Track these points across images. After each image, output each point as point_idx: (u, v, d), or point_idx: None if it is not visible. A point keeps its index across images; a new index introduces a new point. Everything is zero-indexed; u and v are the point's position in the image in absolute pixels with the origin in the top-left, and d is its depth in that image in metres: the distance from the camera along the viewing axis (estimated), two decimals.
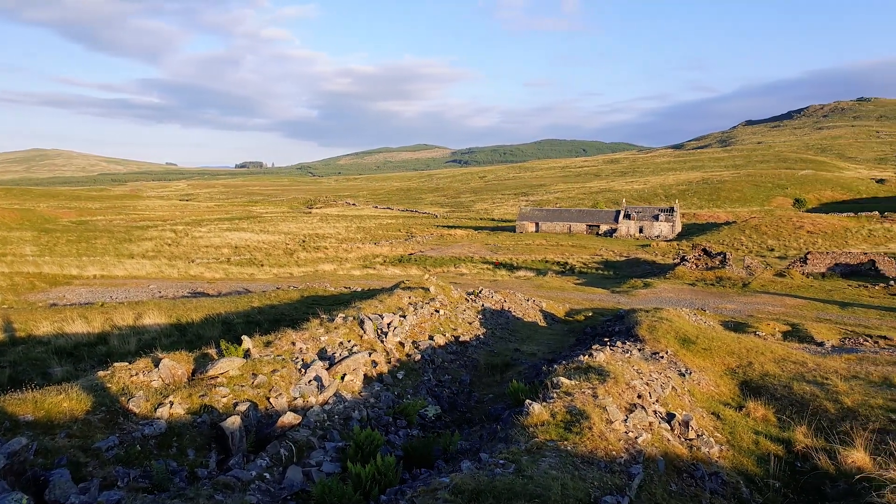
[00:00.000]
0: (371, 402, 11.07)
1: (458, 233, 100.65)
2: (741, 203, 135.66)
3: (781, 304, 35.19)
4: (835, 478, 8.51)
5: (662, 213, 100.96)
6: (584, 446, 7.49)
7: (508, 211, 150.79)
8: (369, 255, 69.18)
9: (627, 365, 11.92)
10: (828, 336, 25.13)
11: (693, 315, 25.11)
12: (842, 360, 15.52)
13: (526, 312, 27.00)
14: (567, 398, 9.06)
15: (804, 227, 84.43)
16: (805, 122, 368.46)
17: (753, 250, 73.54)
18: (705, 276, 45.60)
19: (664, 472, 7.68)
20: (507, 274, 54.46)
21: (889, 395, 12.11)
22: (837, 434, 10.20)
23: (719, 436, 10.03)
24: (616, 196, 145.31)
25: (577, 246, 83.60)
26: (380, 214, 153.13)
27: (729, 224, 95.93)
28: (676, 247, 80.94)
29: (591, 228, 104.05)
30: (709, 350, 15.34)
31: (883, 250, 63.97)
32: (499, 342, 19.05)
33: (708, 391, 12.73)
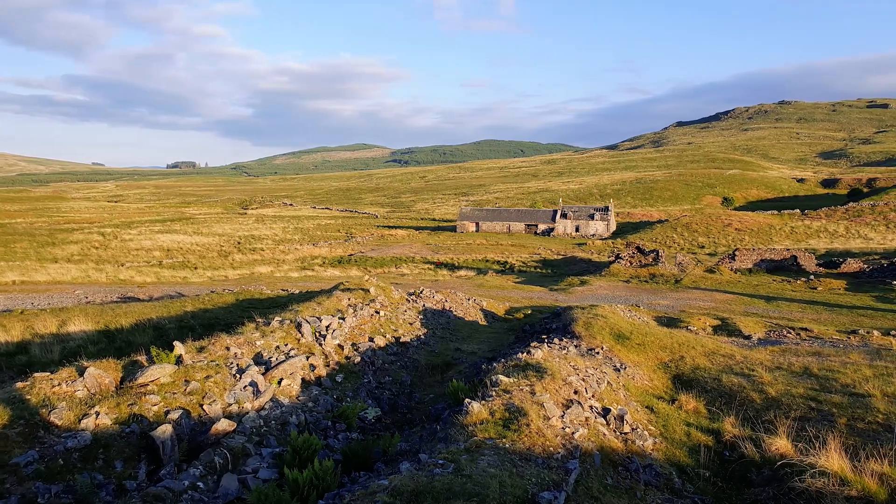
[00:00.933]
0: (309, 407, 10.89)
1: (399, 233, 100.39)
2: (673, 202, 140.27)
3: (711, 299, 36.55)
4: (760, 465, 8.87)
5: (598, 213, 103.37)
6: (523, 443, 7.57)
7: (449, 211, 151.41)
8: (307, 257, 68.14)
9: (564, 361, 12.13)
10: (754, 329, 26.25)
11: (627, 311, 25.80)
12: (767, 353, 16.23)
13: (467, 312, 27.14)
14: (506, 396, 9.14)
15: (732, 225, 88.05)
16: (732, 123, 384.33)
17: (685, 247, 76.18)
18: (639, 273, 46.92)
19: (600, 466, 7.84)
20: (449, 274, 54.65)
21: (809, 384, 12.74)
22: (762, 423, 10.64)
23: (653, 429, 10.32)
24: (553, 196, 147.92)
25: (516, 245, 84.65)
26: (318, 215, 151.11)
27: (661, 222, 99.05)
28: (611, 245, 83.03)
29: (529, 228, 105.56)
30: (643, 345, 15.78)
31: (804, 246, 67.41)
32: (440, 342, 19.07)
33: (642, 385, 13.08)
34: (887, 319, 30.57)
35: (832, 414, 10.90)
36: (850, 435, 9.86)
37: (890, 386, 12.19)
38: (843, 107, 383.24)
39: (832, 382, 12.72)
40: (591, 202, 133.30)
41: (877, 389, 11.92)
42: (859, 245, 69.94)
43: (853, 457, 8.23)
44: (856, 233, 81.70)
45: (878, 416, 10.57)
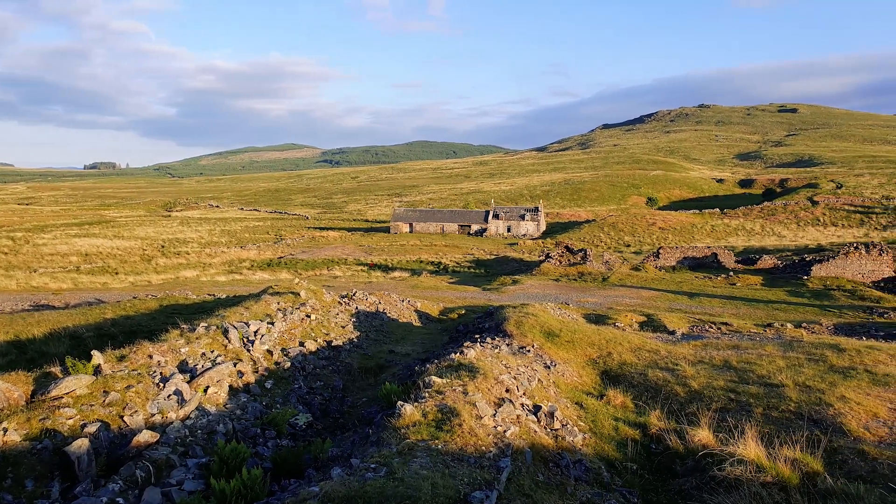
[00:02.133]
0: (237, 414, 10.57)
1: (331, 234, 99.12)
2: (600, 202, 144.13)
3: (637, 296, 37.75)
4: (684, 456, 9.20)
5: (528, 213, 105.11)
6: (455, 444, 7.57)
7: (382, 212, 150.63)
8: (235, 260, 66.32)
9: (497, 360, 12.24)
10: (678, 325, 27.27)
11: (557, 309, 26.31)
12: (690, 347, 16.87)
13: (401, 313, 27.04)
14: (438, 397, 9.13)
15: (656, 224, 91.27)
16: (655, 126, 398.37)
17: (612, 246, 78.43)
18: (568, 272, 47.97)
19: (532, 463, 7.93)
20: (382, 275, 54.35)
21: (729, 376, 13.31)
22: (686, 415, 11.03)
23: (583, 424, 10.54)
24: (485, 197, 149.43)
25: (450, 246, 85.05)
26: (246, 216, 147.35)
27: (589, 222, 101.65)
28: (542, 245, 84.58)
29: (462, 228, 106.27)
30: (572, 342, 16.11)
31: (723, 244, 70.58)
32: (373, 345, 18.91)
33: (572, 382, 13.35)
34: (799, 312, 32.37)
35: (750, 404, 11.42)
36: (766, 423, 10.36)
37: (801, 376, 12.88)
38: (757, 111, 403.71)
39: (749, 374, 13.32)
40: (522, 203, 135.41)
41: (789, 379, 12.57)
42: (773, 242, 73.86)
43: (769, 444, 8.64)
44: (770, 231, 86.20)
45: (791, 405, 11.14)
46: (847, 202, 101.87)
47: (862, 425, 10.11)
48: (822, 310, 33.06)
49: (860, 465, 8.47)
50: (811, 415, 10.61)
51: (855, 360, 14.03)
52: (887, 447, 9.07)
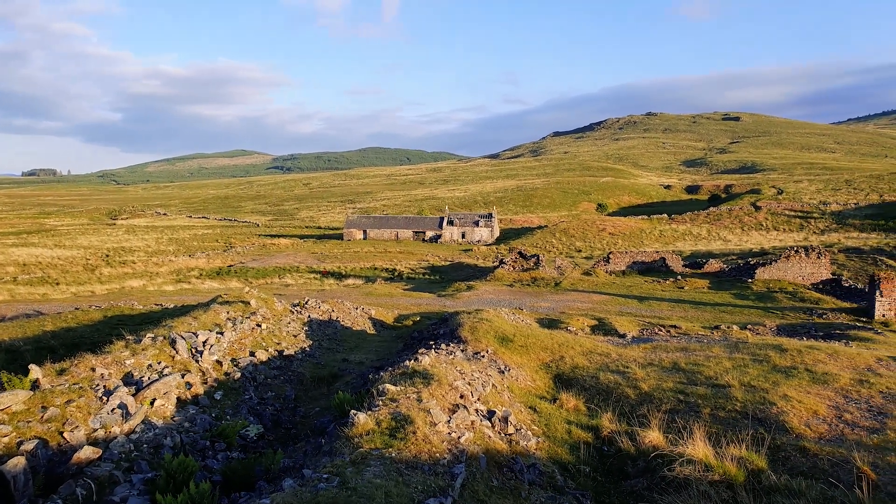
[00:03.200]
0: (186, 427, 10.27)
1: (283, 242, 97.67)
2: (552, 208, 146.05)
3: (589, 300, 38.33)
4: (635, 457, 9.34)
5: (482, 219, 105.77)
6: (409, 451, 7.51)
7: (335, 218, 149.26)
8: (184, 269, 64.70)
9: (451, 366, 12.22)
10: (629, 328, 27.79)
11: (511, 314, 26.51)
12: (640, 350, 17.19)
13: (355, 321, 26.81)
14: (392, 405, 9.06)
15: (606, 230, 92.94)
16: (604, 133, 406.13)
17: (563, 252, 79.50)
18: (522, 277, 48.41)
19: (486, 469, 7.93)
20: (336, 283, 53.81)
21: (678, 378, 13.61)
22: (637, 417, 11.22)
23: (536, 428, 10.60)
24: (440, 203, 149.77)
25: (404, 252, 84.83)
26: (195, 224, 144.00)
27: (542, 228, 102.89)
28: (496, 250, 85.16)
29: (417, 235, 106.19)
30: (525, 347, 16.22)
31: (671, 249, 72.31)
32: (326, 353, 18.68)
33: (525, 386, 13.43)
34: (744, 315, 33.39)
35: (698, 405, 11.69)
36: (714, 423, 10.62)
37: (746, 376, 13.26)
38: (702, 119, 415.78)
39: (697, 375, 13.65)
40: (476, 209, 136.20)
41: (735, 380, 12.92)
42: (719, 246, 76.05)
43: (716, 444, 8.85)
44: (716, 235, 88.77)
45: (737, 405, 11.45)
46: (788, 207, 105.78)
47: (803, 423, 10.46)
48: (765, 311, 34.18)
49: (802, 461, 8.76)
50: (756, 414, 10.93)
51: (796, 360, 14.53)
52: (827, 443, 9.40)
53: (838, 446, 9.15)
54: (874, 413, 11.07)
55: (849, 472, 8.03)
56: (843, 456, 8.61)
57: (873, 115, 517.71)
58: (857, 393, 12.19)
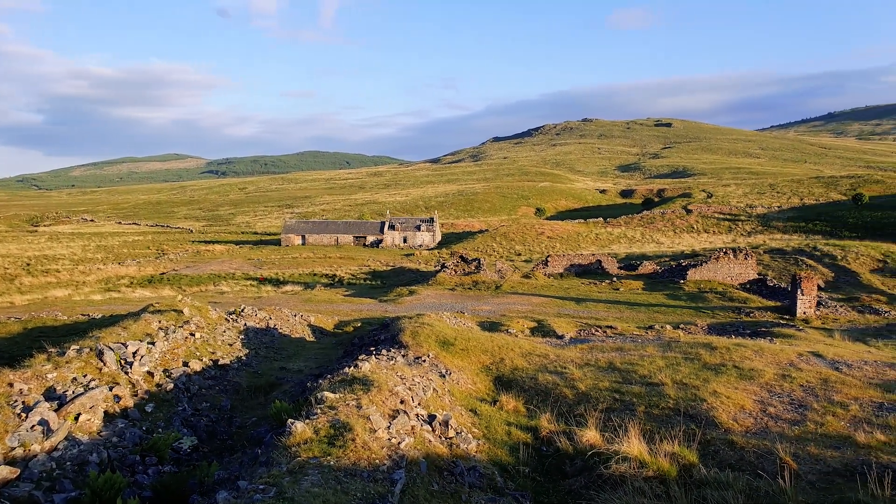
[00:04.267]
0: (114, 442, 9.86)
1: (218, 248, 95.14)
2: (492, 213, 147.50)
3: (529, 302, 38.84)
4: (573, 456, 9.50)
5: (424, 224, 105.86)
6: (348, 459, 7.42)
7: (273, 224, 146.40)
8: (113, 277, 62.14)
9: (392, 372, 12.15)
10: (567, 329, 28.30)
11: (453, 318, 26.59)
12: (577, 350, 17.52)
13: (293, 328, 26.34)
14: (331, 412, 8.93)
15: (545, 233, 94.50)
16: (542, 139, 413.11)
17: (504, 255, 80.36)
18: (463, 281, 48.66)
19: (426, 473, 7.91)
20: (274, 289, 52.76)
21: (614, 377, 13.93)
22: (575, 417, 11.43)
23: (477, 431, 10.65)
24: (381, 208, 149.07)
25: (345, 258, 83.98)
26: (125, 231, 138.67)
27: (482, 232, 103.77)
28: (437, 255, 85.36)
29: (358, 240, 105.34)
30: (466, 350, 16.29)
31: (607, 251, 74.05)
32: (263, 362, 18.27)
33: (466, 389, 13.48)
34: (676, 315, 34.51)
35: (633, 403, 12.00)
36: (648, 421, 10.92)
37: (678, 374, 13.70)
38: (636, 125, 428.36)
39: (632, 374, 14.01)
40: (418, 214, 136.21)
41: (668, 378, 13.33)
42: (653, 249, 78.41)
43: (650, 440, 9.10)
44: (650, 238, 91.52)
45: (670, 402, 11.81)
46: (717, 210, 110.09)
47: (731, 417, 10.87)
48: (697, 311, 35.42)
49: (730, 454, 9.10)
50: (687, 410, 11.30)
51: (725, 358, 15.11)
52: (753, 436, 9.80)
53: (763, 439, 9.56)
54: (795, 406, 11.62)
55: (772, 463, 8.39)
56: (768, 448, 9.00)
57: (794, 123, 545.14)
58: (780, 387, 12.76)
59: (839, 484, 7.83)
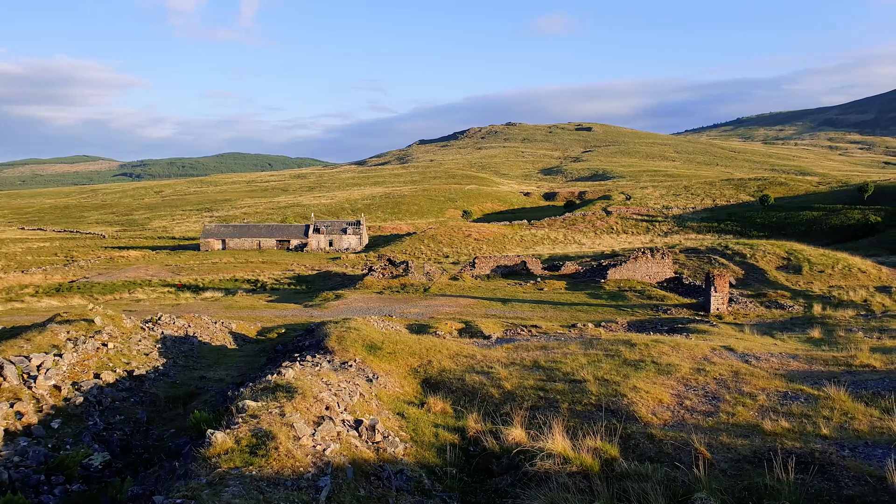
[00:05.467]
0: (15, 461, 9.23)
1: (133, 254, 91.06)
2: (420, 215, 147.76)
3: (456, 304, 39.08)
4: (500, 455, 9.59)
5: (350, 227, 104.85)
6: (271, 468, 7.22)
7: (191, 228, 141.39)
8: (15, 286, 58.38)
9: (317, 378, 11.94)
10: (494, 330, 28.63)
11: (381, 322, 26.43)
12: (503, 350, 17.73)
13: (214, 336, 25.49)
14: (253, 421, 8.68)
15: (472, 236, 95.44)
16: (468, 142, 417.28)
17: (432, 258, 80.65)
18: (391, 284, 48.47)
19: (353, 479, 7.80)
20: (193, 296, 50.94)
21: (538, 375, 14.17)
22: (501, 416, 11.54)
23: (404, 434, 10.59)
24: (305, 211, 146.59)
25: (268, 262, 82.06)
26: (29, 237, 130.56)
27: (410, 235, 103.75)
28: (365, 258, 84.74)
29: (281, 244, 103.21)
30: (394, 353, 16.20)
31: (531, 252, 75.49)
32: (182, 371, 17.58)
33: (394, 393, 13.40)
34: (598, 313, 35.52)
35: (557, 400, 12.24)
36: (572, 417, 11.16)
37: (600, 370, 14.08)
38: (557, 129, 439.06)
39: (556, 372, 14.30)
40: (344, 216, 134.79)
41: (590, 375, 13.68)
42: (575, 250, 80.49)
43: (574, 436, 9.29)
44: (572, 239, 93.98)
45: (592, 398, 12.12)
46: (635, 212, 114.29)
47: (650, 411, 11.26)
48: (617, 309, 36.58)
49: (649, 447, 9.41)
50: (609, 406, 11.62)
51: (644, 354, 15.65)
52: (670, 429, 10.19)
53: (680, 431, 9.94)
54: (709, 398, 12.17)
55: (688, 454, 8.74)
56: (684, 439, 9.37)
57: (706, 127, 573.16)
58: (695, 381, 13.33)
59: (748, 470, 8.24)
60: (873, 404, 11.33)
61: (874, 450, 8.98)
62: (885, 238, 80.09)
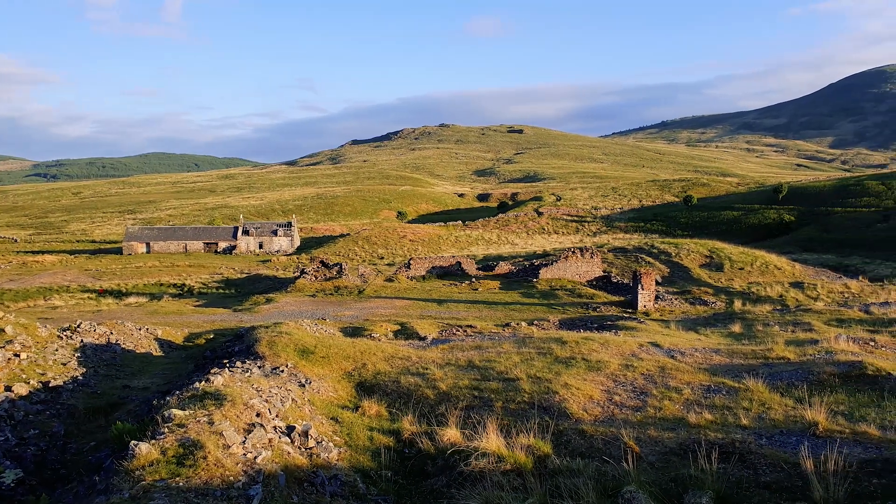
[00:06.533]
0: None
1: (49, 259, 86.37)
2: (353, 216, 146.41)
3: (392, 306, 38.93)
4: (435, 456, 9.60)
5: (281, 228, 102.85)
6: (199, 478, 6.99)
7: (113, 231, 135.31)
8: None
9: (247, 384, 11.64)
10: (429, 330, 28.67)
11: (314, 325, 26.02)
12: (438, 351, 17.76)
13: (139, 343, 24.50)
14: (180, 430, 8.37)
15: (407, 237, 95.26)
16: (402, 143, 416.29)
17: (366, 259, 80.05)
18: (325, 287, 47.83)
19: (285, 486, 7.64)
20: (115, 302, 48.81)
21: (473, 375, 14.27)
22: (436, 417, 11.56)
23: (338, 439, 10.46)
24: (234, 212, 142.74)
25: (195, 266, 79.48)
26: None
27: (344, 236, 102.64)
28: (297, 260, 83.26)
29: (209, 246, 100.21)
30: (327, 357, 15.97)
31: (466, 253, 76.03)
32: (104, 381, 16.81)
33: (327, 397, 13.21)
34: (531, 312, 36.12)
35: (491, 399, 12.36)
36: (506, 416, 11.29)
37: (532, 368, 14.31)
38: (490, 131, 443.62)
39: (490, 371, 14.44)
40: (274, 218, 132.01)
41: (523, 373, 13.88)
42: (508, 250, 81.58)
43: (508, 435, 9.40)
44: (505, 239, 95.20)
45: (525, 396, 12.30)
46: (566, 213, 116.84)
47: (581, 407, 11.53)
48: (549, 308, 37.30)
49: (581, 442, 9.63)
50: (541, 403, 11.82)
51: (575, 351, 16.00)
52: (601, 424, 10.45)
53: (610, 426, 10.22)
54: (637, 393, 12.55)
55: (618, 448, 8.99)
56: (614, 434, 9.63)
57: (632, 130, 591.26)
58: (624, 377, 13.73)
59: (675, 462, 8.54)
60: (788, 394, 11.97)
61: (789, 437, 9.49)
62: (798, 236, 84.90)
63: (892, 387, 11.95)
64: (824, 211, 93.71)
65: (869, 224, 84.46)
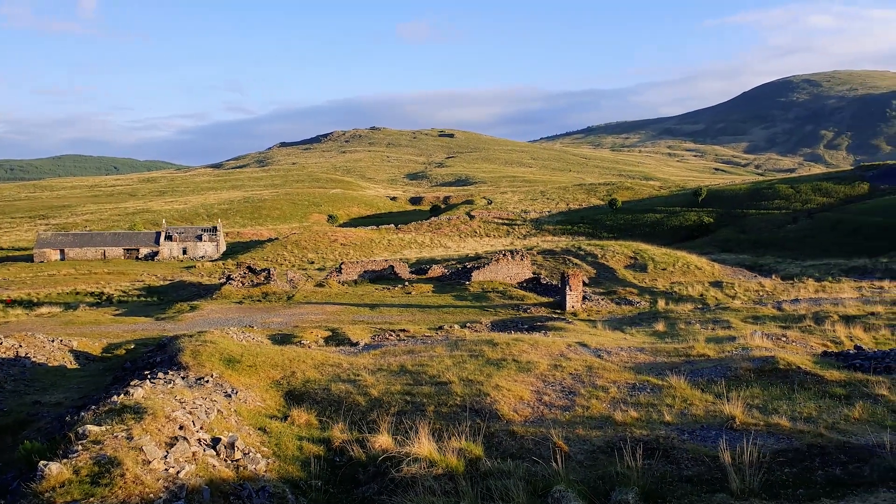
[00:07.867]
0: None
1: None
2: (282, 220, 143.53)
3: (323, 311, 38.33)
4: (366, 464, 9.49)
5: (206, 233, 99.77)
6: (116, 497, 6.66)
7: (22, 237, 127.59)
8: None
9: (170, 396, 11.20)
10: (361, 336, 28.36)
11: (241, 333, 25.31)
12: (370, 357, 17.59)
13: (51, 356, 23.19)
14: (96, 447, 7.96)
15: (338, 241, 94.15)
16: (331, 146, 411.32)
17: (296, 264, 78.59)
18: (252, 293, 46.63)
19: (210, 501, 7.39)
20: (25, 313, 46.03)
21: (405, 380, 14.20)
22: (368, 423, 11.43)
23: (266, 450, 10.18)
24: (156, 217, 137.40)
25: (114, 273, 76.01)
26: None
27: (272, 241, 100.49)
28: (222, 266, 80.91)
29: (129, 252, 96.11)
30: (254, 366, 15.55)
31: (399, 256, 75.83)
32: (11, 397, 15.81)
33: (255, 407, 12.86)
34: (463, 314, 36.34)
35: (423, 404, 12.33)
36: (438, 420, 11.28)
37: (464, 371, 14.37)
38: (421, 135, 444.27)
39: (423, 375, 14.41)
40: (199, 222, 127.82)
41: (455, 376, 13.92)
42: (441, 253, 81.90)
43: (440, 439, 9.40)
44: (438, 242, 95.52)
45: (457, 399, 12.33)
46: (497, 216, 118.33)
47: (512, 409, 11.65)
48: (481, 310, 37.62)
49: (512, 444, 9.73)
50: (473, 405, 11.88)
51: (506, 352, 16.18)
52: (531, 425, 10.59)
53: (539, 426, 10.37)
54: (566, 393, 12.80)
55: (548, 448, 9.13)
56: (543, 434, 9.78)
57: (560, 135, 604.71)
58: (553, 377, 13.98)
59: (602, 460, 8.75)
60: (708, 390, 12.47)
61: (709, 432, 9.89)
62: (716, 237, 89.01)
63: (801, 380, 12.65)
64: (740, 213, 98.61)
65: (780, 225, 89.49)
